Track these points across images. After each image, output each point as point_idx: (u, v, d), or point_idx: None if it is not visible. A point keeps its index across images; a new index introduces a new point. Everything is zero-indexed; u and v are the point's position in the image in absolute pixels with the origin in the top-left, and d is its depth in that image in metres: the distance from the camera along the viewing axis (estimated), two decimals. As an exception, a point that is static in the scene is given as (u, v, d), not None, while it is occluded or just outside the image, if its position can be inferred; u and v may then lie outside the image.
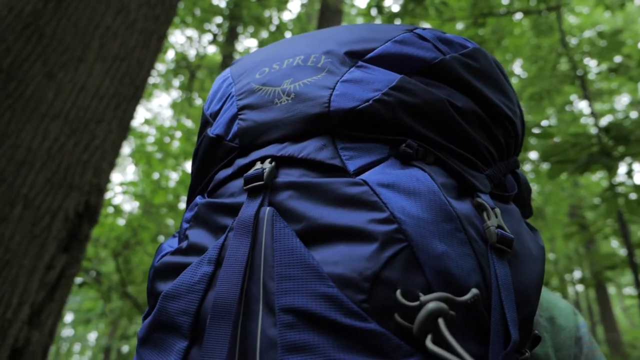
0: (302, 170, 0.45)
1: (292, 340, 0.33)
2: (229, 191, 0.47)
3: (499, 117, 0.51)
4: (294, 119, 0.48)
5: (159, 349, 0.41)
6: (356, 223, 0.38)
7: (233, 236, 0.40)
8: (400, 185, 0.40)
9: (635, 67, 4.02)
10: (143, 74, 2.26)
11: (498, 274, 0.39)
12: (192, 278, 0.41)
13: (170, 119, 14.99)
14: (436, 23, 5.41)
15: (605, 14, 8.57)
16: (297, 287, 0.35)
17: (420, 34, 0.52)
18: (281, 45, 0.60)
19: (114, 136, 2.05)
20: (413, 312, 0.34)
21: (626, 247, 3.33)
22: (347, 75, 0.49)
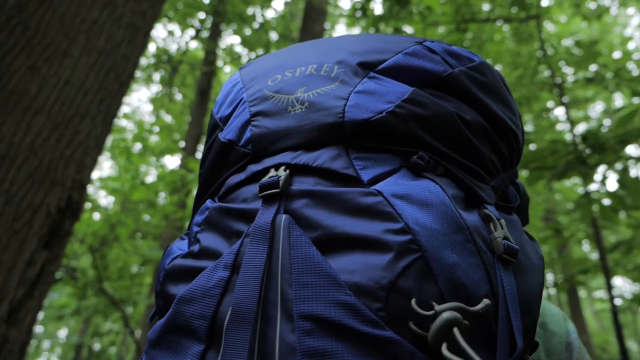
0: (316, 178, 0.45)
1: (311, 346, 0.35)
2: (242, 196, 0.48)
3: (504, 131, 0.53)
4: (308, 127, 0.48)
5: (173, 351, 0.41)
6: (372, 233, 0.39)
7: (250, 242, 0.41)
8: (414, 197, 0.42)
9: (611, 77, 4.14)
10: (129, 69, 2.24)
11: (504, 284, 0.40)
12: (207, 282, 0.41)
13: (149, 114, 14.79)
14: (419, 27, 5.47)
15: (582, 23, 8.79)
16: (316, 295, 0.36)
17: (430, 47, 0.54)
18: (292, 52, 0.60)
19: (98, 132, 2.02)
20: (428, 320, 0.35)
21: (599, 251, 3.43)
22: (360, 86, 0.50)
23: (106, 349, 13.29)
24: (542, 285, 0.45)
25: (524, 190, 0.58)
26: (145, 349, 0.46)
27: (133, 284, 6.33)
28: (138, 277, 6.74)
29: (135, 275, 6.49)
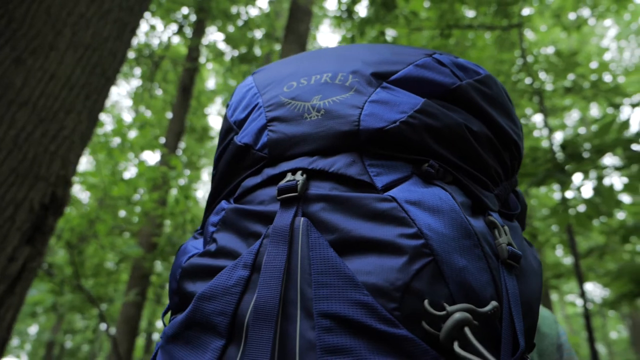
0: (333, 183, 0.47)
1: (331, 343, 0.37)
2: (258, 199, 0.49)
3: (507, 142, 0.56)
4: (324, 134, 0.50)
5: (192, 346, 0.43)
6: (387, 237, 0.41)
7: (269, 243, 0.43)
8: (426, 203, 0.44)
9: (588, 87, 4.25)
10: (115, 65, 2.22)
11: (508, 287, 0.43)
12: (228, 281, 0.43)
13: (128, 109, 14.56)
14: (404, 31, 5.53)
15: (561, 33, 8.99)
16: (334, 294, 0.39)
17: (439, 59, 0.56)
18: (306, 60, 0.62)
19: (83, 127, 2.00)
20: (440, 320, 0.38)
21: (573, 257, 3.53)
22: (374, 96, 0.52)
23: (79, 346, 13.03)
24: (541, 289, 0.48)
25: (522, 198, 0.60)
26: (161, 344, 0.48)
27: (109, 281, 6.25)
28: (114, 274, 6.65)
29: (111, 273, 6.40)
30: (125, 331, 5.56)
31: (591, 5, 5.69)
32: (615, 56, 13.29)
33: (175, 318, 0.48)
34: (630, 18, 11.48)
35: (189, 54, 7.99)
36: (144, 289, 5.93)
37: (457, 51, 6.04)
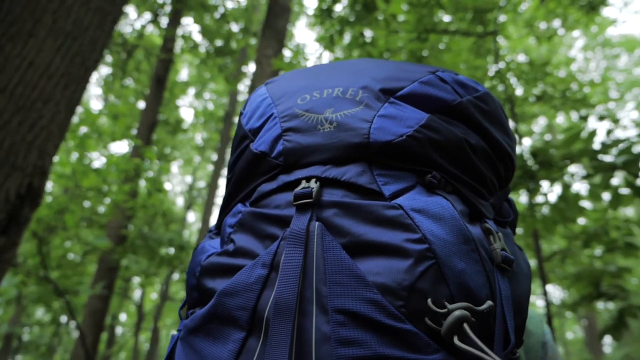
0: (344, 191, 0.51)
1: (345, 335, 0.41)
2: (274, 203, 0.53)
3: (502, 155, 0.60)
4: (336, 145, 0.54)
5: (214, 337, 0.47)
6: (394, 241, 0.45)
7: (287, 245, 0.47)
8: (429, 211, 0.48)
9: (558, 96, 4.41)
10: (95, 55, 2.18)
11: (501, 289, 0.47)
12: (248, 278, 0.47)
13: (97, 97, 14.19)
14: (382, 33, 5.59)
15: (532, 40, 9.24)
16: (347, 292, 0.43)
17: (441, 77, 0.60)
18: (317, 74, 0.66)
19: (62, 118, 1.96)
20: (441, 317, 0.42)
21: (537, 260, 3.66)
22: (383, 111, 0.56)
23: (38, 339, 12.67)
24: (530, 291, 0.53)
25: (514, 207, 0.65)
26: (181, 336, 0.51)
27: (74, 273, 6.11)
28: (80, 266, 6.51)
29: (76, 265, 6.26)
30: (90, 324, 5.45)
31: (562, 16, 5.88)
32: (581, 66, 13.75)
33: (195, 312, 0.51)
34: (597, 30, 11.90)
35: (164, 44, 7.87)
36: (111, 282, 5.82)
37: (433, 55, 6.14)
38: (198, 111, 15.69)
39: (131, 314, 18.41)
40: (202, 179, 19.80)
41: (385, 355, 0.40)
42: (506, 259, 0.49)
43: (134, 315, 17.76)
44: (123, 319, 18.67)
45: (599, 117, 2.84)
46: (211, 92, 15.59)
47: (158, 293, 17.90)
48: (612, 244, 4.04)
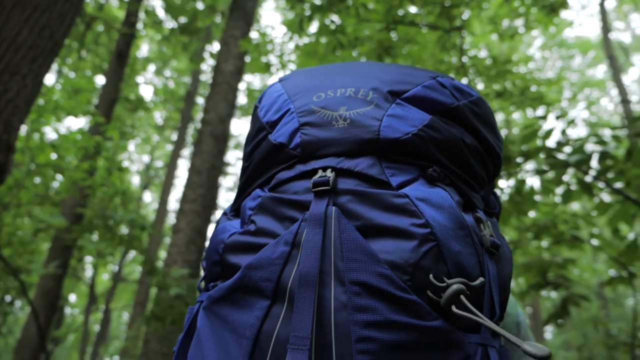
0: (357, 181, 0.58)
1: (360, 304, 0.49)
2: (292, 189, 0.59)
3: (492, 153, 0.68)
4: (349, 140, 0.60)
5: (239, 305, 0.54)
6: (401, 225, 0.52)
7: (307, 226, 0.53)
8: (431, 200, 0.55)
9: (517, 93, 4.58)
10: (63, 29, 2.12)
11: (489, 269, 0.56)
12: (272, 254, 0.54)
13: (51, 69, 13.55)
14: (352, 21, 5.62)
15: (493, 36, 9.49)
16: (362, 267, 0.50)
17: (441, 82, 0.67)
18: (329, 74, 0.72)
19: (28, 92, 1.90)
20: (441, 290, 0.50)
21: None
22: (391, 111, 0.63)
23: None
24: (511, 272, 0.62)
25: (499, 199, 0.73)
26: (204, 306, 0.58)
27: (25, 251, 5.91)
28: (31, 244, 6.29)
29: (27, 243, 6.04)
30: (43, 305, 5.31)
31: (524, 15, 6.08)
32: (539, 65, 14.24)
33: (217, 284, 0.59)
34: (555, 31, 12.33)
35: (126, 18, 7.60)
36: (66, 262, 5.67)
37: (400, 46, 6.23)
38: (158, 89, 15.26)
39: (81, 294, 17.93)
40: (160, 158, 19.36)
41: (394, 320, 0.48)
42: (494, 243, 0.58)
43: (84, 296, 17.30)
44: (72, 300, 18.16)
45: (557, 116, 2.99)
46: (172, 69, 15.19)
47: (110, 274, 17.50)
48: (560, 237, 4.28)
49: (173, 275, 3.87)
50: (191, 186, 5.44)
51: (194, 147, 5.91)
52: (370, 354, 0.47)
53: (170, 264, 5.04)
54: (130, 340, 10.43)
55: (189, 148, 15.31)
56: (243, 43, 5.74)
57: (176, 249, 5.13)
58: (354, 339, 0.47)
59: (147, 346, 4.89)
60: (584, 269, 10.78)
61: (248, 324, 0.52)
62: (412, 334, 0.48)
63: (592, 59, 15.07)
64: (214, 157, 5.62)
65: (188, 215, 5.30)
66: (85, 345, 13.60)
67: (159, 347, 4.82)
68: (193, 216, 5.31)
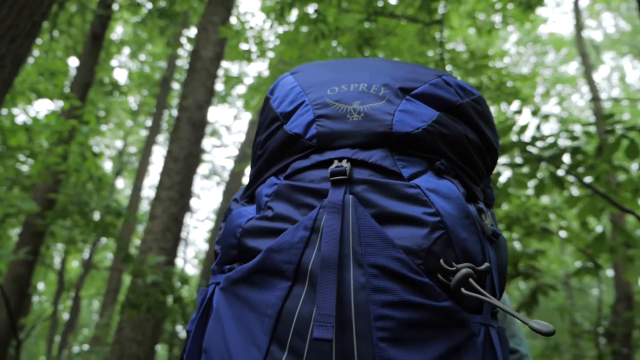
0: (371, 171, 0.62)
1: (377, 285, 0.53)
2: (308, 178, 0.63)
3: (490, 149, 0.73)
4: (364, 132, 0.64)
5: (259, 286, 0.57)
6: (414, 213, 0.57)
7: (326, 213, 0.57)
8: (440, 191, 0.59)
9: (493, 88, 4.68)
10: (43, 9, 2.07)
11: (490, 256, 0.61)
12: (293, 238, 0.57)
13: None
14: (333, 11, 5.61)
15: (471, 31, 9.61)
16: (379, 252, 0.54)
17: (447, 80, 0.71)
18: (342, 69, 0.76)
19: (6, 73, 1.86)
20: (450, 274, 0.55)
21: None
22: (402, 106, 0.66)
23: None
24: (507, 259, 0.67)
25: (493, 192, 0.78)
26: (222, 287, 0.61)
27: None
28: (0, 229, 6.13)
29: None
30: (13, 291, 5.20)
31: (501, 11, 6.18)
32: (514, 60, 14.49)
33: (233, 267, 0.62)
34: (530, 27, 12.55)
35: None
36: (36, 248, 5.55)
37: (380, 37, 6.25)
38: (133, 73, 14.94)
39: (50, 282, 17.56)
40: (133, 144, 19.00)
41: (409, 301, 0.52)
42: (494, 232, 0.63)
43: (52, 283, 16.95)
44: (41, 288, 17.77)
45: (532, 112, 3.07)
46: (147, 54, 14.88)
47: (80, 261, 17.18)
48: (531, 229, 4.41)
49: (149, 262, 3.84)
50: (168, 173, 5.39)
51: (171, 134, 5.84)
52: (388, 331, 0.51)
53: (146, 252, 5.00)
54: (102, 328, 10.31)
55: (164, 134, 15.08)
56: (223, 29, 5.68)
57: (152, 236, 5.09)
58: (372, 317, 0.52)
59: (121, 334, 4.85)
60: (552, 260, 11.12)
61: (270, 303, 0.55)
62: (425, 314, 0.52)
63: (565, 55, 15.43)
64: (191, 144, 5.57)
65: (164, 203, 5.25)
66: (53, 333, 13.37)
67: (133, 334, 4.80)
68: (169, 203, 5.27)
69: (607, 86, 17.37)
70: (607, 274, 10.25)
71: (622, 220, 7.35)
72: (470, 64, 5.05)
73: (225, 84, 13.13)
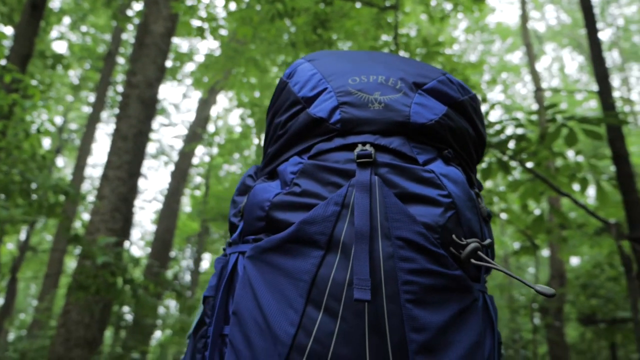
0: (391, 156, 0.69)
1: (403, 255, 0.61)
2: (333, 159, 0.69)
3: (482, 142, 0.83)
4: (385, 121, 0.72)
5: (293, 255, 0.63)
6: (430, 194, 0.65)
7: (356, 191, 0.64)
8: (450, 176, 0.69)
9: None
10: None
11: (485, 233, 0.71)
12: (325, 212, 0.63)
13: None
14: (289, -8, 5.54)
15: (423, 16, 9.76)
16: (404, 226, 0.62)
17: (450, 79, 0.80)
18: (357, 61, 0.83)
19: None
20: (460, 247, 0.64)
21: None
22: (416, 99, 0.75)
23: None
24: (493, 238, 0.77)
25: None
26: (250, 255, 0.66)
27: None
28: None
29: None
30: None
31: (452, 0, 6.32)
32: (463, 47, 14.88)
33: (259, 237, 0.69)
34: (479, 15, 12.90)
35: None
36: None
37: (335, 19, 6.25)
38: (74, 44, 14.15)
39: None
40: (74, 121, 18.12)
41: (430, 269, 0.61)
42: (488, 214, 0.74)
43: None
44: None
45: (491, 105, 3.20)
46: (90, 25, 14.13)
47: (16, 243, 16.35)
48: (476, 211, 4.62)
49: (100, 243, 3.73)
50: (116, 152, 5.22)
51: (120, 111, 5.63)
52: (413, 294, 0.59)
53: (93, 232, 4.85)
54: (42, 312, 9.90)
55: (109, 111, 14.46)
56: (175, 4, 5.49)
57: (99, 217, 4.94)
58: (400, 282, 0.60)
59: (67, 317, 4.71)
60: (492, 241, 11.66)
61: (304, 269, 0.62)
62: (442, 280, 0.61)
63: (510, 45, 16.00)
64: (141, 123, 5.41)
65: (113, 182, 5.09)
66: (-12, 317, 12.73)
67: (80, 317, 4.67)
68: (118, 183, 5.11)
69: (548, 75, 18.23)
70: (543, 254, 10.91)
71: (559, 203, 7.83)
72: (422, 50, 5.17)
73: (175, 61, 12.71)
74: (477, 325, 0.63)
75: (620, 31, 16.42)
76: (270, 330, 0.61)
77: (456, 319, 0.61)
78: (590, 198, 8.92)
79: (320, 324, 0.59)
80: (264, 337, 0.61)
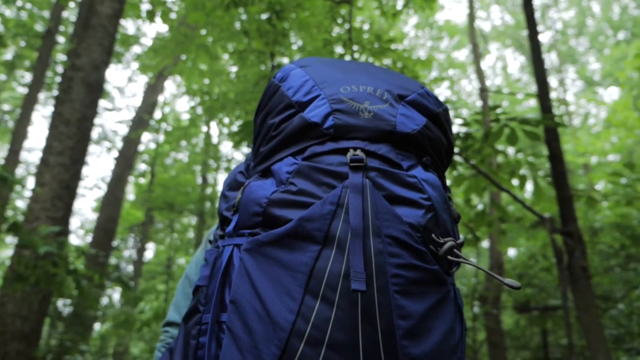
0: (379, 161, 0.76)
1: (392, 251, 0.68)
2: (326, 161, 0.75)
3: (451, 150, 0.91)
4: (374, 129, 0.78)
5: (291, 248, 0.68)
6: (414, 197, 0.73)
7: (349, 192, 0.70)
8: (430, 181, 0.76)
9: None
10: None
11: (456, 233, 0.81)
12: (322, 210, 0.69)
13: None
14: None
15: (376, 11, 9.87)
16: (392, 226, 0.69)
17: (427, 92, 0.88)
18: (347, 70, 0.89)
19: None
20: (439, 245, 0.72)
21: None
22: (401, 110, 0.82)
23: None
24: None
25: None
26: (247, 248, 0.72)
27: None
28: None
29: None
30: None
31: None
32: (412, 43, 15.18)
33: (256, 231, 0.73)
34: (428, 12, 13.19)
35: None
36: None
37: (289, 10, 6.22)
38: (8, 20, 13.28)
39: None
40: (7, 101, 17.03)
41: (413, 264, 0.68)
42: (458, 215, 0.83)
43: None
44: None
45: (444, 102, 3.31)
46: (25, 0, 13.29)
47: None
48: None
49: (42, 232, 3.58)
50: (58, 137, 4.98)
51: (61, 94, 5.36)
52: (400, 286, 0.67)
53: (32, 221, 4.62)
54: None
55: (47, 92, 13.72)
56: (123, -15, 5.28)
57: (39, 204, 4.71)
58: (389, 275, 0.67)
59: (3, 309, 4.48)
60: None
61: (302, 262, 0.67)
62: (423, 274, 0.69)
63: (457, 42, 16.50)
64: (85, 107, 5.18)
65: (54, 169, 4.86)
66: None
67: (17, 309, 4.46)
68: (60, 169, 4.89)
69: (492, 73, 18.96)
70: (483, 245, 11.44)
71: (499, 198, 8.22)
72: (375, 45, 5.25)
73: (122, 44, 12.21)
74: (450, 314, 0.71)
75: (559, 34, 17.33)
76: (270, 317, 0.66)
77: (435, 308, 0.69)
78: (527, 193, 9.42)
79: (317, 312, 0.65)
80: (263, 324, 0.66)
